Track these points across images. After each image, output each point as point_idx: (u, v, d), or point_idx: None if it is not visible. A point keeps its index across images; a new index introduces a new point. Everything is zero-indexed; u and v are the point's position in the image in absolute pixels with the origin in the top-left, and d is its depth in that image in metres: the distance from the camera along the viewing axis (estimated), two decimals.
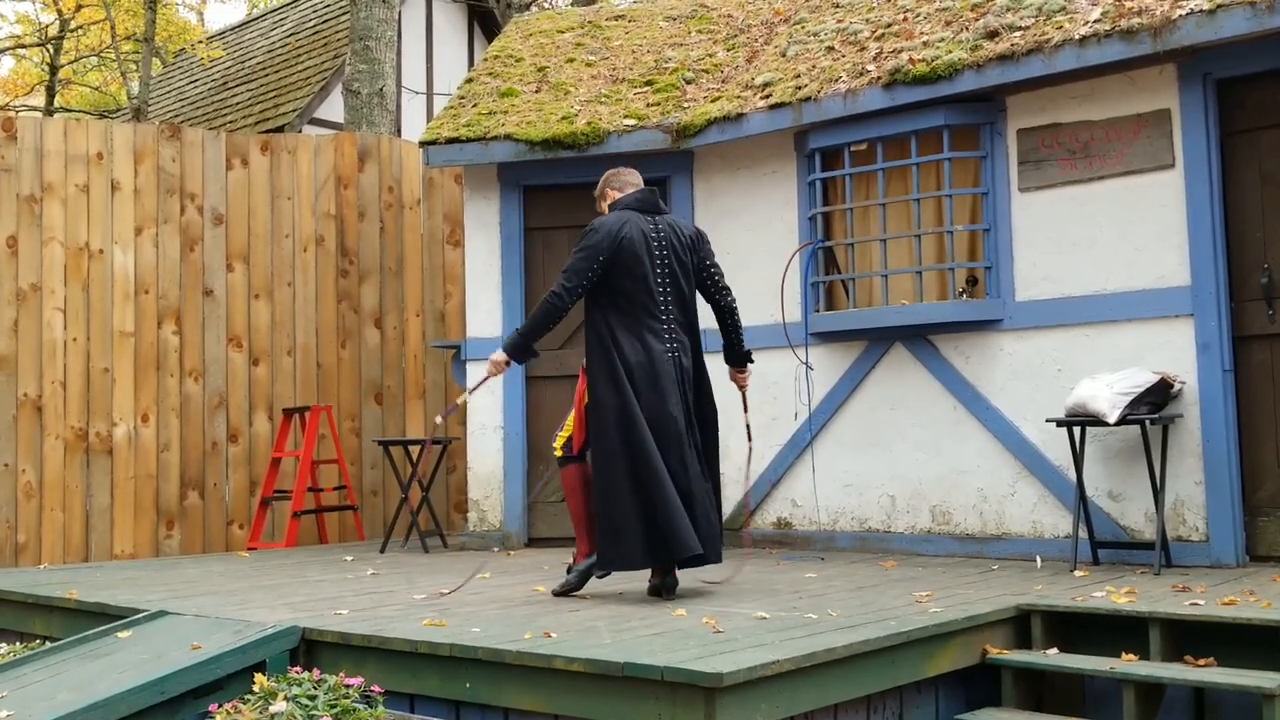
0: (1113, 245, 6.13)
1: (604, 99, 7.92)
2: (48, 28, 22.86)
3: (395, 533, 8.15)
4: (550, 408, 7.75)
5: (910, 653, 4.19)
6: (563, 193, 7.88)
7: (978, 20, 6.60)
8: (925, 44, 6.70)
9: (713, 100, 7.55)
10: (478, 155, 7.72)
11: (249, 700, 4.10)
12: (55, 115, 21.27)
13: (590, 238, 5.20)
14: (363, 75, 11.70)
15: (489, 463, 7.86)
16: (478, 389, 5.98)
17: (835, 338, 7.02)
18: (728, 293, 5.47)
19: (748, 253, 7.35)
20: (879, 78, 6.68)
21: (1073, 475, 5.92)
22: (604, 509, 5.09)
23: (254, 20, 19.13)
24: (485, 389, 7.81)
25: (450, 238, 9.64)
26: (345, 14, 14.83)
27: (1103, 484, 6.11)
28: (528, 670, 3.89)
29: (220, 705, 4.12)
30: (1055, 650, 4.59)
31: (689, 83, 7.94)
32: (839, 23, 7.54)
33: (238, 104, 15.83)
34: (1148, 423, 5.64)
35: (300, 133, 12.71)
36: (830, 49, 7.32)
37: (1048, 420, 6.02)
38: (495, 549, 7.64)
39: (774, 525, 7.28)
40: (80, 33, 22.92)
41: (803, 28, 7.77)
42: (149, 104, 16.61)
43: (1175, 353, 5.91)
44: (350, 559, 7.28)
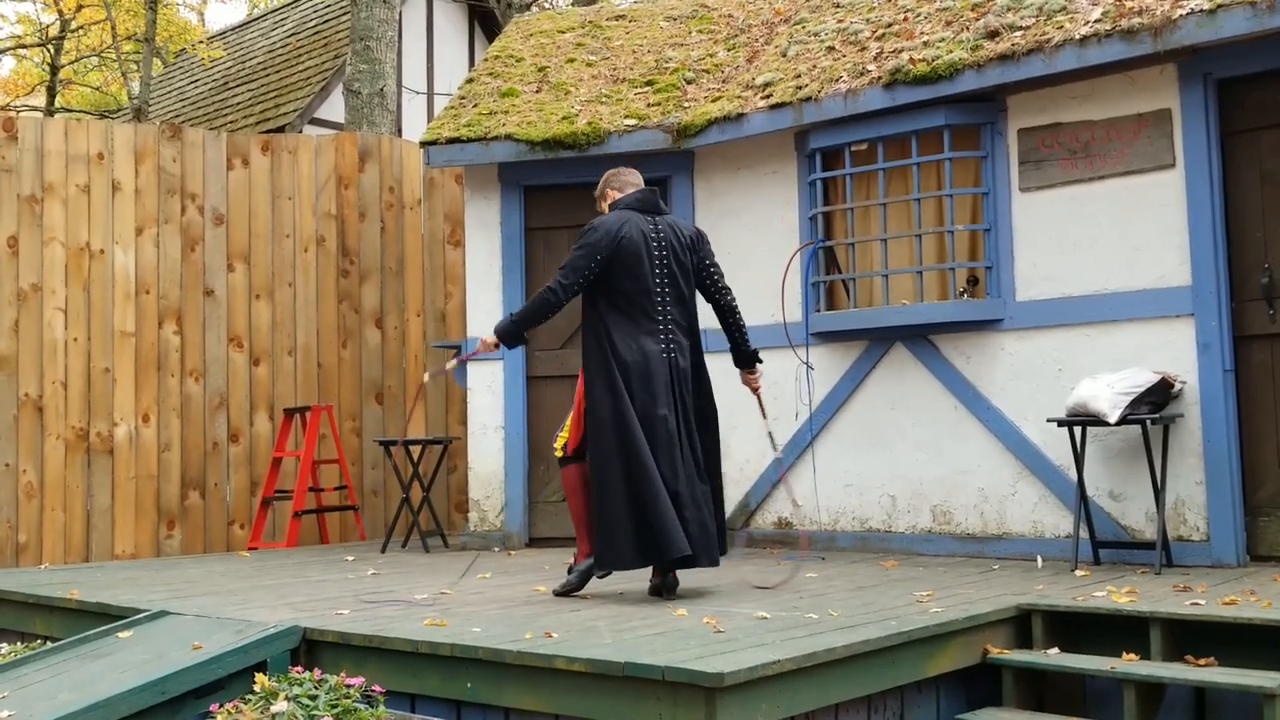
0: (1113, 245, 6.13)
1: (604, 99, 7.92)
2: (48, 28, 22.87)
3: (396, 533, 8.16)
4: (550, 408, 7.75)
5: (911, 652, 4.19)
6: (563, 193, 7.89)
7: (978, 20, 6.60)
8: (926, 44, 6.70)
9: (713, 100, 7.55)
10: (478, 155, 7.72)
11: (250, 700, 4.11)
12: (56, 115, 21.27)
13: (590, 236, 5.20)
14: (363, 75, 11.70)
15: (490, 463, 7.86)
16: (467, 360, 5.92)
17: (836, 337, 7.03)
18: (727, 292, 5.46)
19: (748, 252, 7.35)
20: (879, 78, 6.69)
21: (1073, 475, 5.92)
22: (598, 509, 5.10)
23: (254, 20, 19.15)
24: (485, 389, 7.85)
25: (451, 238, 9.64)
26: (346, 14, 14.83)
27: (1103, 484, 6.11)
28: (528, 670, 3.89)
29: (221, 705, 4.13)
30: (1056, 650, 4.59)
31: (689, 83, 7.94)
32: (839, 23, 7.54)
33: (238, 104, 15.84)
34: (1148, 422, 5.64)
35: (301, 133, 12.72)
36: (831, 49, 7.32)
37: (1048, 420, 6.02)
38: (496, 549, 7.64)
39: (774, 525, 7.28)
40: (81, 33, 22.93)
41: (803, 28, 7.77)
42: (150, 104, 16.62)
43: (1176, 352, 5.91)
44: (351, 559, 7.28)
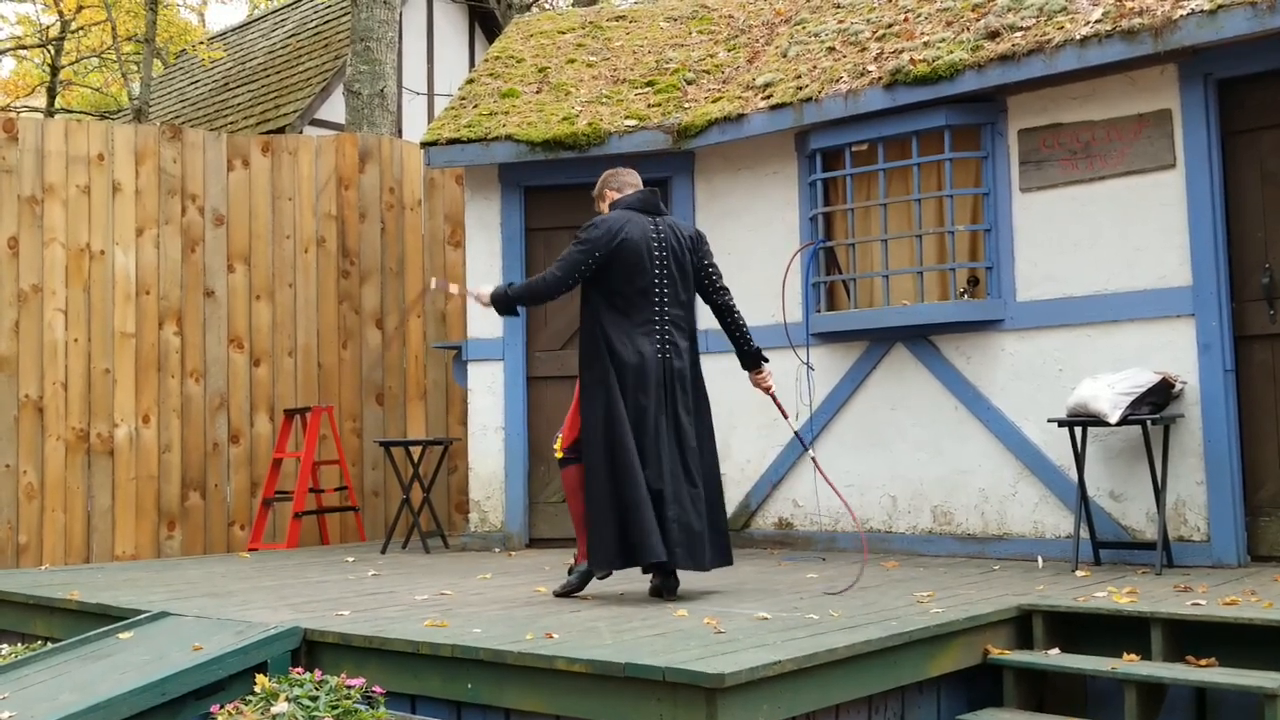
0: (1114, 245, 6.13)
1: (605, 100, 7.92)
2: (49, 29, 22.86)
3: (396, 533, 8.15)
4: (550, 408, 7.75)
5: (912, 653, 4.19)
6: (564, 193, 7.88)
7: (979, 20, 6.60)
8: (926, 44, 6.70)
9: (714, 101, 7.55)
10: (479, 156, 7.72)
11: (250, 701, 4.11)
12: (56, 116, 21.29)
13: (590, 232, 5.19)
14: (364, 76, 11.70)
15: (490, 463, 7.86)
16: (464, 293, 5.74)
17: (836, 338, 7.03)
18: (725, 293, 5.45)
19: (749, 253, 7.35)
20: (880, 78, 6.68)
21: (1074, 475, 5.92)
22: (588, 508, 5.11)
23: (255, 21, 19.16)
24: (486, 390, 7.85)
25: (451, 238, 9.64)
26: (346, 15, 14.84)
27: (1104, 484, 6.11)
28: (529, 671, 3.89)
29: (222, 706, 4.13)
30: (1057, 650, 4.59)
31: (690, 83, 7.94)
32: (840, 23, 7.54)
33: (239, 105, 15.84)
34: (1149, 423, 5.64)
35: (301, 134, 12.73)
36: (831, 49, 7.32)
37: (1049, 420, 6.02)
38: (496, 549, 7.64)
39: (775, 525, 7.28)
40: (81, 34, 22.93)
41: (804, 28, 7.77)
42: (150, 105, 16.62)
43: (1176, 353, 5.91)
44: (351, 560, 7.28)
